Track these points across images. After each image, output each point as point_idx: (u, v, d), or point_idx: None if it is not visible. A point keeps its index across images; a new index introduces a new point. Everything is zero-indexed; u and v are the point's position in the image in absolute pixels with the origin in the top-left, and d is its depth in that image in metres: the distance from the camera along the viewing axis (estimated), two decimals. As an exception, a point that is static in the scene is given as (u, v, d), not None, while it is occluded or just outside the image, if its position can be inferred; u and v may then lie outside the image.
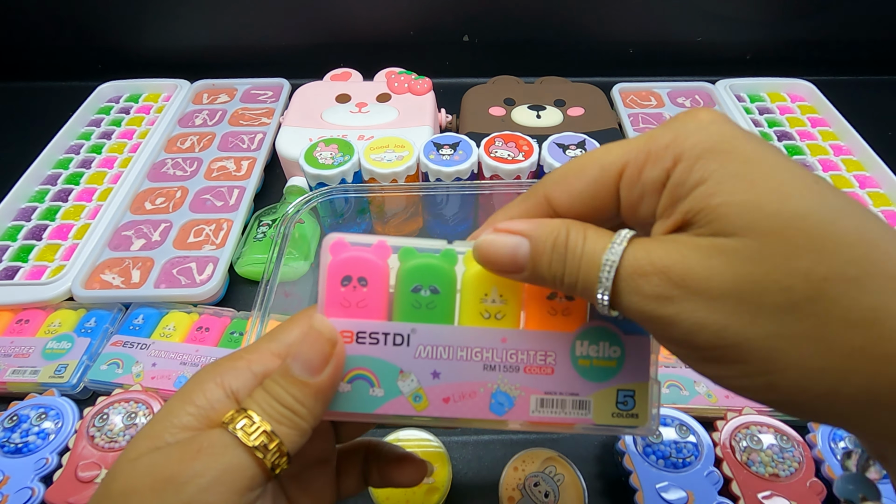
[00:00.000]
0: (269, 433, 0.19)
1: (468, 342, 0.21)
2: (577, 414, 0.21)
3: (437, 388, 0.21)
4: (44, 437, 0.40)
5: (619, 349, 0.21)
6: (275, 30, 0.73)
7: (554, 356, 0.21)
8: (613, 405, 0.21)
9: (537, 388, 0.21)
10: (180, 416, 0.19)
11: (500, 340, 0.21)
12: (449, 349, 0.21)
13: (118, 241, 0.52)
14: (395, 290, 0.21)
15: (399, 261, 0.21)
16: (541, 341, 0.21)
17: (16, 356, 0.44)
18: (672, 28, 0.73)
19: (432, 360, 0.21)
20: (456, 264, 0.22)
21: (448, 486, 0.37)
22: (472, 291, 0.21)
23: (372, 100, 0.61)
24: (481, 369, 0.21)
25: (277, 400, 0.19)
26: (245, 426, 0.19)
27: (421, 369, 0.21)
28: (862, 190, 0.56)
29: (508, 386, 0.21)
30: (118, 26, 0.73)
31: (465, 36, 0.73)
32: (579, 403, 0.21)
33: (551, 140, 0.51)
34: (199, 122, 0.66)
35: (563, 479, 0.36)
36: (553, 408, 0.21)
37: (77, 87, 0.71)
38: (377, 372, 0.21)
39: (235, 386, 0.20)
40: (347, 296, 0.21)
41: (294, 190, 0.55)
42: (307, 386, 0.20)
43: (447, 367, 0.21)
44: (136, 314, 0.47)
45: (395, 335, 0.21)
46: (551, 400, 0.21)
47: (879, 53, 0.75)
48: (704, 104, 0.67)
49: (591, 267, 0.18)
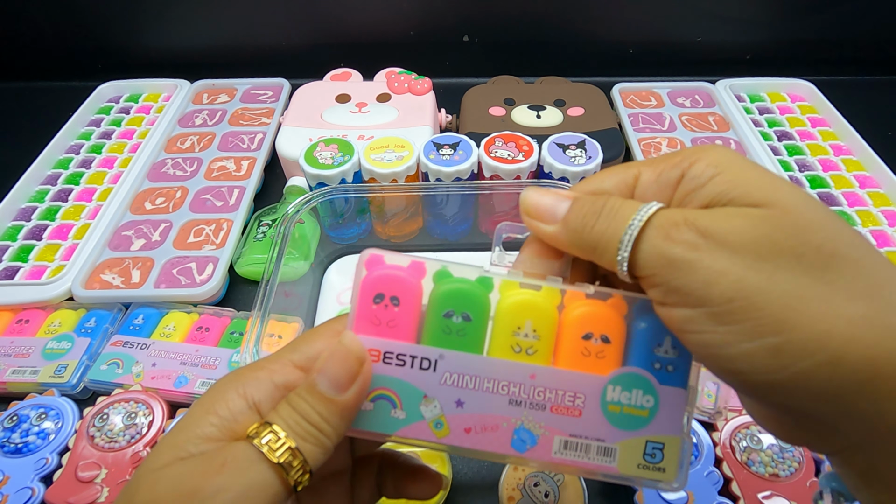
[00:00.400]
0: (293, 450, 0.19)
1: (496, 374, 0.21)
2: (601, 461, 0.21)
3: (459, 418, 0.21)
4: (44, 437, 0.40)
5: (653, 398, 0.21)
6: (275, 30, 0.73)
7: (583, 399, 0.21)
8: (640, 456, 0.20)
9: (562, 430, 0.21)
10: (203, 427, 0.19)
11: (528, 377, 0.21)
12: (476, 379, 0.21)
13: (118, 241, 0.52)
14: (427, 312, 0.21)
15: (433, 282, 0.21)
16: (571, 382, 0.21)
17: (16, 356, 0.44)
18: (672, 28, 0.73)
19: (458, 388, 0.21)
20: (491, 292, 0.21)
21: (448, 486, 0.37)
22: (505, 323, 0.21)
23: (372, 100, 0.61)
24: (507, 403, 0.21)
25: (303, 416, 0.19)
26: (270, 441, 0.19)
27: (445, 396, 0.21)
28: (862, 190, 0.56)
29: (532, 424, 0.21)
30: (118, 26, 0.73)
31: (465, 36, 0.73)
32: (605, 450, 0.21)
33: (551, 140, 0.51)
34: (199, 122, 0.66)
35: (563, 479, 0.36)
36: (577, 451, 0.21)
37: (77, 87, 0.71)
38: (401, 394, 0.21)
39: (258, 397, 0.20)
40: (378, 314, 0.21)
41: (294, 190, 0.55)
42: (333, 403, 0.19)
43: (472, 398, 0.21)
44: (136, 314, 0.47)
45: (423, 359, 0.21)
46: (576, 443, 0.21)
47: (879, 53, 0.75)
48: (704, 104, 0.67)
49: (622, 220, 0.19)
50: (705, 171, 0.18)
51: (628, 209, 0.19)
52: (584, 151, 0.50)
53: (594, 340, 0.21)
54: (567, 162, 0.49)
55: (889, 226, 0.52)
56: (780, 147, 0.61)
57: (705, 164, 0.18)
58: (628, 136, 0.62)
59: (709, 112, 0.65)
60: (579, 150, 0.50)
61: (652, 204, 0.19)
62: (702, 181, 0.18)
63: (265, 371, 0.20)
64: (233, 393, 0.20)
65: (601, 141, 0.51)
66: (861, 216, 0.53)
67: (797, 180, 0.57)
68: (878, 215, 0.53)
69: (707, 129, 0.63)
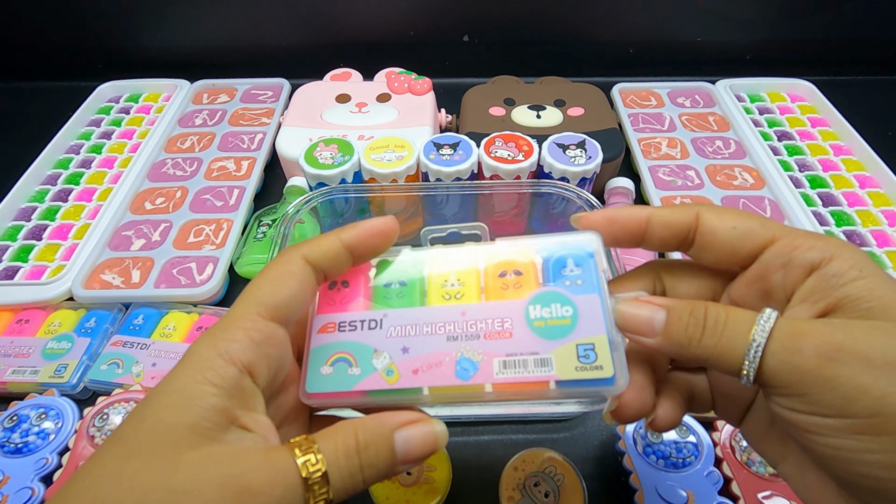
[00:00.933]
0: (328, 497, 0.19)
1: (432, 319, 0.24)
2: (541, 371, 0.22)
3: (406, 362, 0.23)
4: (44, 437, 0.40)
5: (572, 308, 0.23)
6: (275, 30, 0.73)
7: (511, 321, 0.23)
8: (575, 359, 0.22)
9: (498, 352, 0.22)
10: (207, 399, 0.19)
11: (460, 314, 0.24)
12: (416, 327, 0.24)
13: (118, 241, 0.52)
14: (373, 288, 0.25)
15: (376, 268, 0.26)
16: (496, 310, 0.23)
17: (16, 356, 0.44)
18: (672, 28, 0.73)
19: (401, 337, 0.24)
20: (422, 264, 0.25)
21: (448, 486, 0.37)
22: (434, 280, 0.25)
23: (372, 100, 0.61)
24: (445, 341, 0.23)
25: (362, 468, 0.20)
26: (318, 488, 0.19)
27: (392, 347, 0.23)
28: (862, 190, 0.56)
29: (471, 352, 0.23)
30: (118, 26, 0.73)
31: (465, 36, 0.73)
32: (541, 361, 0.22)
33: (551, 140, 0.51)
34: (199, 122, 0.66)
35: (563, 479, 0.36)
36: (516, 368, 0.22)
37: (77, 87, 0.71)
38: (355, 353, 0.24)
39: (245, 359, 0.20)
40: (333, 296, 0.25)
41: (294, 190, 0.55)
42: (394, 468, 0.21)
43: (415, 343, 0.23)
44: (136, 314, 0.47)
45: (370, 320, 0.24)
46: (513, 361, 0.22)
47: (879, 53, 0.75)
48: (704, 104, 0.67)
49: (735, 330, 0.19)
50: (848, 271, 0.19)
51: (736, 318, 0.19)
52: (584, 151, 0.50)
53: (508, 276, 0.24)
54: (567, 162, 0.49)
55: (889, 226, 0.52)
56: (780, 147, 0.61)
57: (848, 263, 0.19)
58: (628, 136, 0.62)
59: (709, 112, 0.65)
60: (579, 150, 0.50)
61: (768, 313, 0.19)
62: (842, 280, 0.19)
63: (241, 330, 0.20)
64: (219, 360, 0.19)
65: (601, 141, 0.51)
66: (861, 216, 0.53)
67: (797, 180, 0.57)
68: (878, 215, 0.53)
69: (707, 129, 0.63)
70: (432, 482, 0.36)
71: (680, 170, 0.58)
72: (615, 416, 0.22)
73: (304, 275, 0.22)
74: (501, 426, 0.42)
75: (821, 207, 0.54)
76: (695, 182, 0.56)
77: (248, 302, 0.21)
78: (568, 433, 0.42)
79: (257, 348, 0.20)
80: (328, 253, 0.23)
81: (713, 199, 0.54)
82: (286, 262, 0.22)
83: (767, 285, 0.21)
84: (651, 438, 0.38)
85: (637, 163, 0.59)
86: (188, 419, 0.18)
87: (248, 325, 0.20)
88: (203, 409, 0.18)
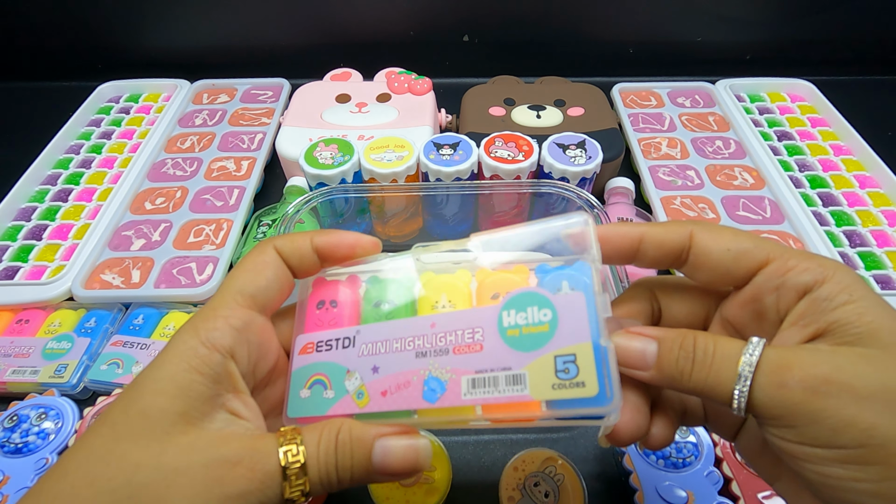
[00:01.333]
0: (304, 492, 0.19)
1: (402, 333, 0.21)
2: (513, 391, 0.19)
3: (376, 383, 0.21)
4: (44, 437, 0.40)
5: (551, 311, 0.19)
6: (275, 30, 0.73)
7: (482, 331, 0.20)
8: (552, 374, 0.18)
9: (468, 368, 0.19)
10: (194, 387, 0.19)
11: (429, 326, 0.21)
12: (386, 343, 0.21)
13: (118, 241, 0.52)
14: (362, 307, 0.24)
15: (367, 285, 0.24)
16: (467, 318, 0.20)
17: (16, 356, 0.44)
18: (672, 28, 0.73)
19: (372, 356, 0.21)
20: (413, 283, 0.23)
21: (448, 486, 0.37)
22: (426, 300, 0.23)
23: (372, 100, 0.61)
24: (414, 357, 0.20)
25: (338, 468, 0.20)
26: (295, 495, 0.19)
27: (364, 366, 0.21)
28: (862, 190, 0.56)
29: (440, 370, 0.20)
30: (118, 26, 0.73)
31: (465, 36, 0.73)
32: (513, 378, 0.19)
33: (551, 140, 0.51)
34: (199, 122, 0.66)
35: (563, 479, 0.36)
36: (486, 387, 0.19)
37: (77, 87, 0.71)
38: (329, 375, 0.22)
39: (226, 344, 0.20)
40: (321, 316, 0.23)
41: (294, 190, 0.55)
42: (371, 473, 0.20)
43: (384, 361, 0.21)
44: (136, 314, 0.47)
45: (344, 339, 0.22)
46: (483, 379, 0.19)
47: (879, 53, 0.75)
48: (704, 104, 0.67)
49: (723, 364, 0.19)
50: (839, 295, 0.18)
51: (724, 352, 0.19)
52: (584, 151, 0.50)
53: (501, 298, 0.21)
54: (567, 162, 0.49)
55: (889, 226, 0.52)
56: (780, 147, 0.61)
57: (839, 287, 0.19)
58: (628, 136, 0.62)
59: (709, 112, 0.65)
60: (579, 150, 0.50)
61: (755, 344, 0.19)
62: (832, 304, 0.18)
63: (221, 319, 0.21)
64: (202, 348, 0.20)
65: (601, 141, 0.51)
66: (861, 216, 0.53)
67: (797, 180, 0.57)
68: (878, 215, 0.53)
69: (707, 129, 0.63)
70: (432, 482, 0.36)
71: (680, 170, 0.58)
72: (611, 439, 0.21)
73: (278, 264, 0.23)
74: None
75: (821, 207, 0.54)
76: (695, 182, 0.56)
77: (226, 292, 0.22)
78: (568, 433, 0.42)
79: (238, 334, 0.21)
80: (297, 249, 0.23)
81: (713, 200, 0.54)
82: (260, 251, 0.23)
83: (761, 307, 0.21)
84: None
85: (637, 163, 0.59)
86: (179, 407, 0.19)
87: (227, 313, 0.21)
88: (192, 398, 0.19)
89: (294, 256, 0.23)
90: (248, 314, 0.22)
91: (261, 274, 0.22)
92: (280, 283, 0.23)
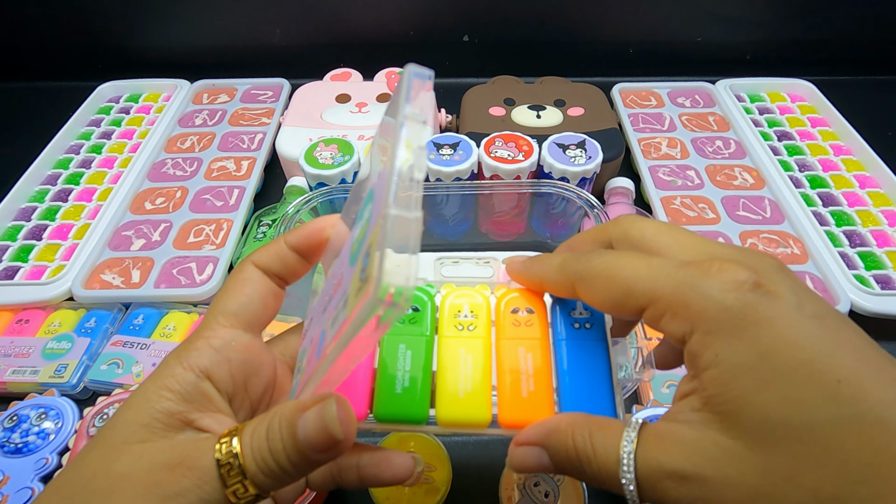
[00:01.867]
0: (245, 482, 0.19)
1: (323, 298, 0.22)
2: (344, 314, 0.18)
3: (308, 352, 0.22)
4: (44, 437, 0.40)
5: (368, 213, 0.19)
6: (275, 30, 0.73)
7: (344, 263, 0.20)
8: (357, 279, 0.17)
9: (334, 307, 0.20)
10: (161, 402, 0.20)
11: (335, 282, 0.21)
12: (314, 313, 0.24)
13: (118, 241, 0.52)
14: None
15: None
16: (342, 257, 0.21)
17: (16, 356, 0.44)
18: (672, 28, 0.73)
19: (309, 329, 0.23)
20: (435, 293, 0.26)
21: (448, 486, 0.37)
22: (449, 310, 0.25)
23: (372, 100, 0.61)
24: (321, 314, 0.22)
25: (273, 455, 0.19)
26: (238, 491, 0.19)
27: (305, 341, 0.23)
28: (862, 190, 0.56)
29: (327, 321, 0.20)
30: (118, 26, 0.73)
31: (465, 36, 0.73)
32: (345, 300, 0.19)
33: (551, 140, 0.51)
34: (199, 122, 0.66)
35: (563, 479, 0.36)
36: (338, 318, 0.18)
37: (77, 87, 0.71)
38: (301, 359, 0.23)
39: (203, 364, 0.21)
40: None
41: (294, 190, 0.55)
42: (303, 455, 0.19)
43: (312, 331, 0.23)
44: (136, 314, 0.47)
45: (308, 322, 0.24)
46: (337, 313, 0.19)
47: (879, 53, 0.75)
48: (704, 104, 0.67)
49: (606, 466, 0.19)
50: (704, 354, 0.17)
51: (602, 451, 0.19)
52: (584, 151, 0.50)
53: (521, 313, 0.25)
54: (567, 162, 0.49)
55: (889, 226, 0.52)
56: (780, 147, 0.61)
57: (702, 344, 0.17)
58: (628, 136, 0.62)
59: (709, 112, 0.65)
60: (579, 150, 0.50)
61: (626, 446, 0.18)
62: (700, 364, 0.17)
63: (202, 339, 0.22)
64: (178, 367, 0.21)
65: (601, 141, 0.51)
66: (861, 216, 0.53)
67: (797, 180, 0.57)
68: (878, 215, 0.53)
69: (707, 129, 0.63)
70: (432, 482, 0.36)
71: (680, 170, 0.58)
72: None
73: (257, 279, 0.23)
74: (501, 426, 0.42)
75: (821, 207, 0.54)
76: (695, 182, 0.56)
77: (209, 314, 0.23)
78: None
79: (216, 353, 0.21)
80: (275, 256, 0.24)
81: (713, 200, 0.54)
82: (238, 270, 0.24)
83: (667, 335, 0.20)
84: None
85: (637, 163, 0.59)
86: (142, 419, 0.20)
87: (209, 334, 0.22)
88: (156, 410, 0.20)
89: (274, 264, 0.24)
90: (231, 332, 0.22)
91: (241, 291, 0.23)
92: (262, 295, 0.23)
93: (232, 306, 0.23)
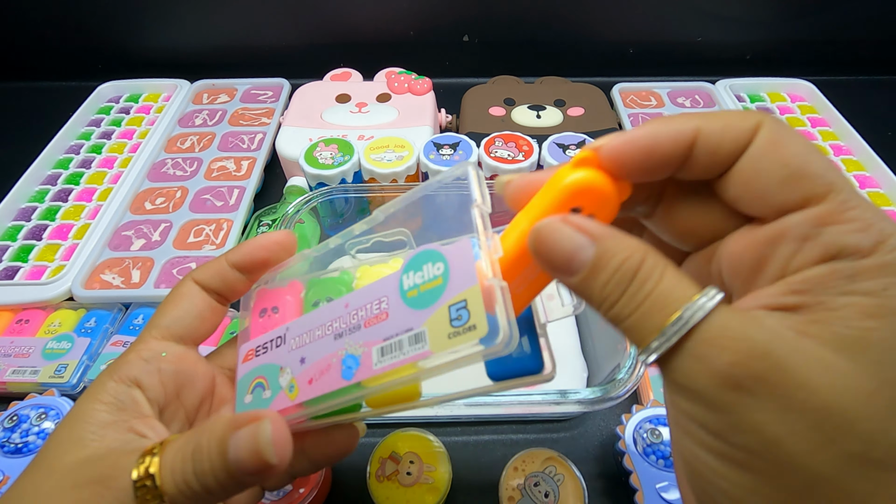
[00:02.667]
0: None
1: (321, 320, 0.22)
2: (415, 350, 0.18)
3: (304, 374, 0.21)
4: (44, 437, 0.39)
5: (443, 263, 0.19)
6: (275, 30, 0.73)
7: (387, 299, 0.20)
8: (447, 325, 0.17)
9: (377, 338, 0.19)
10: (95, 415, 0.21)
11: (344, 306, 0.21)
12: (310, 333, 0.22)
13: (118, 241, 0.52)
14: (302, 309, 0.24)
15: (306, 287, 0.24)
16: (375, 290, 0.20)
17: (16, 356, 0.44)
18: (672, 28, 0.73)
19: (300, 348, 0.22)
20: (351, 279, 0.24)
21: (448, 486, 0.37)
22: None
23: (372, 100, 0.61)
24: (332, 340, 0.21)
25: (197, 476, 0.18)
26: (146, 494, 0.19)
27: (294, 360, 0.22)
28: (862, 190, 0.56)
29: (353, 346, 0.20)
30: (118, 26, 0.73)
31: (465, 36, 0.73)
32: (415, 338, 0.18)
33: (551, 140, 0.51)
34: (199, 122, 0.66)
35: (563, 479, 0.36)
36: (393, 353, 0.19)
37: (77, 87, 0.71)
38: (267, 376, 0.22)
39: (132, 374, 0.22)
40: (264, 323, 0.24)
41: (294, 190, 0.55)
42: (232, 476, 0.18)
43: (310, 350, 0.21)
44: (136, 314, 0.47)
45: (277, 338, 0.23)
46: (390, 345, 0.19)
47: (879, 53, 0.75)
48: (704, 104, 0.67)
49: (656, 309, 0.15)
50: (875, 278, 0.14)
51: (667, 292, 0.15)
52: (584, 151, 0.50)
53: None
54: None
55: (889, 226, 0.52)
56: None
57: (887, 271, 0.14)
58: (628, 136, 0.62)
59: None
60: (579, 150, 0.50)
61: (709, 296, 0.14)
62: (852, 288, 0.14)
63: (133, 352, 0.22)
64: (110, 381, 0.21)
65: (601, 141, 0.51)
66: (861, 216, 0.53)
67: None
68: (878, 215, 0.53)
69: (707, 129, 0.63)
70: (432, 482, 0.36)
71: (680, 170, 0.58)
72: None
73: (194, 294, 0.24)
74: (501, 426, 0.42)
75: (821, 207, 0.54)
76: (695, 182, 0.56)
77: (144, 329, 0.23)
78: (568, 433, 0.42)
79: (146, 364, 0.22)
80: (215, 273, 0.24)
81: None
82: (179, 286, 0.24)
83: (767, 255, 0.16)
84: (651, 438, 0.38)
85: (637, 163, 0.59)
86: (74, 434, 0.20)
87: (141, 347, 0.23)
88: (89, 423, 0.20)
89: (214, 281, 0.24)
90: (162, 345, 0.23)
91: (177, 306, 0.24)
92: (199, 310, 0.24)
93: (165, 320, 0.23)
